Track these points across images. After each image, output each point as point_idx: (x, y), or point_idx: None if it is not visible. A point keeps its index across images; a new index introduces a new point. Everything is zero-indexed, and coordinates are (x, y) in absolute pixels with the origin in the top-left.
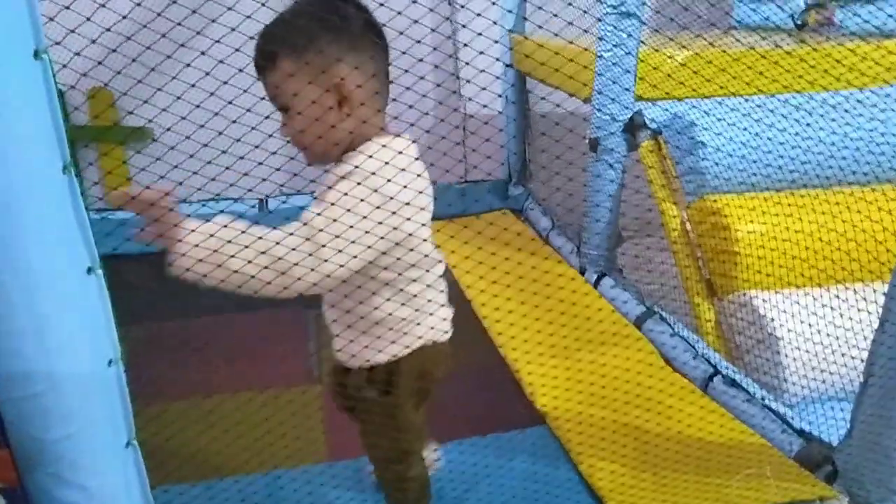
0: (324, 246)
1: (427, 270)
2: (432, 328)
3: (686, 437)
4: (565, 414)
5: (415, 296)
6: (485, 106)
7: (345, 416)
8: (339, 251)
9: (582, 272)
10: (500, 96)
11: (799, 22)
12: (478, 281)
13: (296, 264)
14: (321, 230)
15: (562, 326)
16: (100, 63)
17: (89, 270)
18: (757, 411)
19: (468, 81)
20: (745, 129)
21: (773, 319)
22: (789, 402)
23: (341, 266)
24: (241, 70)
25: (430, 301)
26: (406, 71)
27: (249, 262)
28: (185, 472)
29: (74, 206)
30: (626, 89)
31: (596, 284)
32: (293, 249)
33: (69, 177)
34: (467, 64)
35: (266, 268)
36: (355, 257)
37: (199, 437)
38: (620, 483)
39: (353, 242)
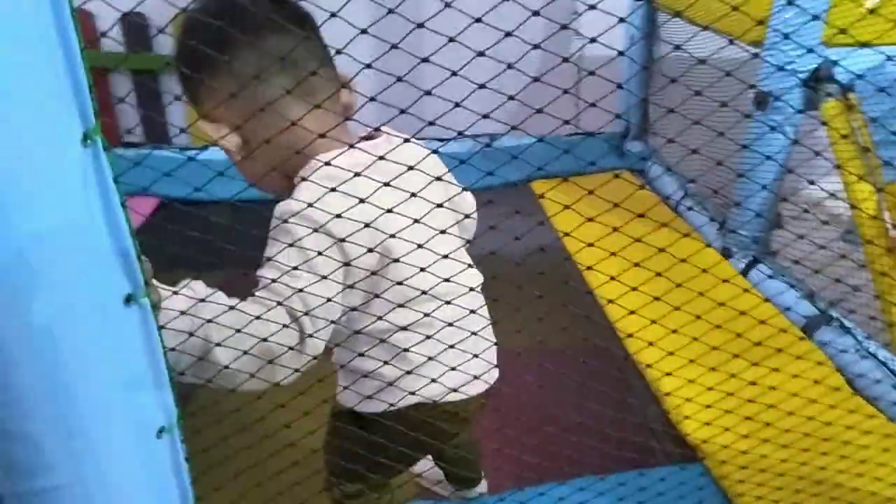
0: (306, 314)
1: (437, 306)
2: (450, 387)
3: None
4: (726, 451)
5: (405, 350)
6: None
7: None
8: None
9: (726, 255)
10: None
11: None
12: (594, 262)
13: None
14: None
15: (702, 323)
16: None
17: (129, 299)
18: None
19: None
20: None
21: None
22: None
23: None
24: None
25: (432, 356)
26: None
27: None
28: None
29: (104, 201)
30: (812, 32)
31: (745, 272)
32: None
33: (93, 150)
34: None
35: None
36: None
37: None
38: None
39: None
